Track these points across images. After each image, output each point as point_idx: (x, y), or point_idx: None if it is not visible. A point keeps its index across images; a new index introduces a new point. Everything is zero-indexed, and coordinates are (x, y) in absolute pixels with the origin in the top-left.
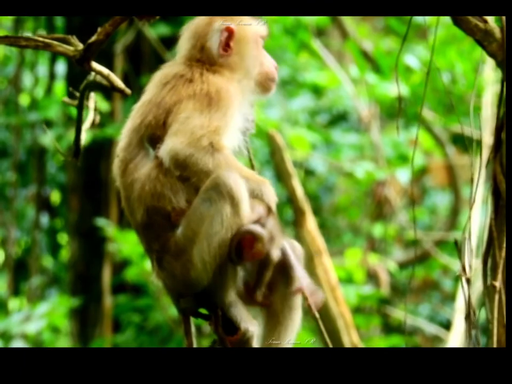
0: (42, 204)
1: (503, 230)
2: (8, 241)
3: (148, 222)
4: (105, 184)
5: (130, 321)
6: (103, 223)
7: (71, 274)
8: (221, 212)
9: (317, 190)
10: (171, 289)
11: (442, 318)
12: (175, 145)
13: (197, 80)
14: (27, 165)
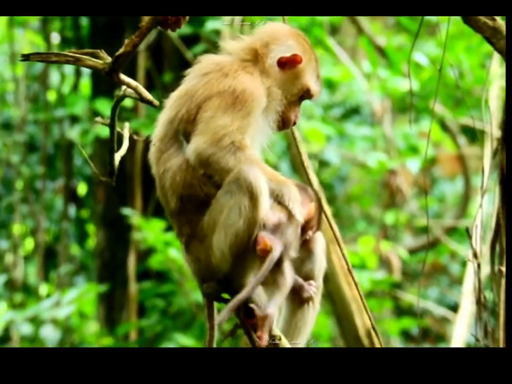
0: (69, 195)
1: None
2: (38, 231)
3: (181, 208)
4: (129, 176)
5: (155, 306)
6: (128, 213)
7: (98, 262)
8: (239, 204)
9: (331, 180)
10: (196, 273)
11: (450, 300)
12: (198, 145)
13: (230, 76)
14: (55, 159)
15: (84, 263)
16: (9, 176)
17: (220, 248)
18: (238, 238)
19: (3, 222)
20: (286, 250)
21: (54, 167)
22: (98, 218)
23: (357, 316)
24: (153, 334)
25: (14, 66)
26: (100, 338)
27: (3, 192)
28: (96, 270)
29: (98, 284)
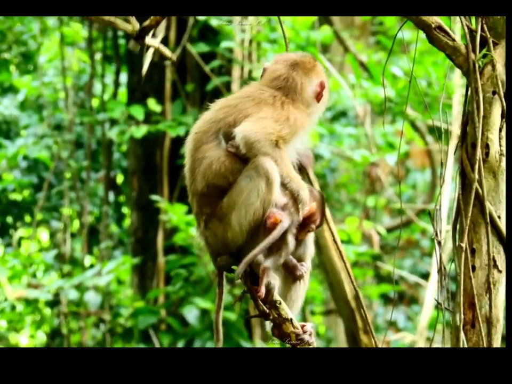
0: (109, 184)
1: (469, 203)
2: (83, 213)
3: (206, 192)
4: (159, 168)
5: (179, 275)
6: (157, 198)
7: (132, 238)
8: (257, 187)
9: (323, 171)
10: (212, 248)
11: (421, 269)
12: (248, 129)
13: (279, 107)
14: (97, 154)
15: (121, 239)
16: (59, 169)
17: (239, 223)
18: (256, 214)
19: (55, 206)
20: (290, 226)
21: (97, 161)
22: (133, 203)
23: (345, 282)
24: (177, 298)
25: (64, 78)
26: (134, 302)
27: (55, 181)
28: (131, 245)
29: (133, 257)
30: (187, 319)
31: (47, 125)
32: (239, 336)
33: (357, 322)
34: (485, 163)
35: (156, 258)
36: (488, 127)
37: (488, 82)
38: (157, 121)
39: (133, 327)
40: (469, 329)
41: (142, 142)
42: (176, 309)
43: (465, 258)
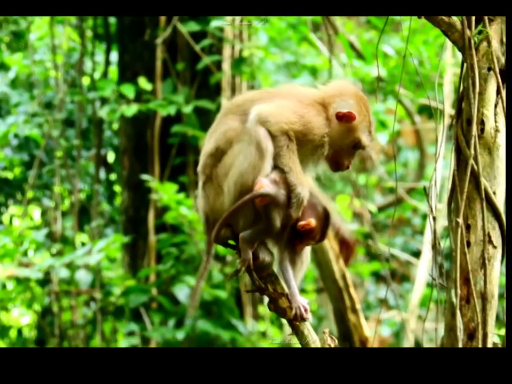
0: (100, 162)
1: (465, 179)
2: (74, 191)
3: (213, 153)
4: (150, 147)
5: (170, 254)
6: (147, 178)
7: (124, 217)
8: (249, 151)
9: None
10: (205, 215)
11: (413, 247)
12: (265, 109)
13: (305, 106)
14: (89, 132)
15: (112, 217)
16: (50, 146)
17: (228, 186)
18: (244, 178)
19: (46, 184)
20: (276, 203)
21: (88, 139)
22: (124, 182)
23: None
24: (168, 276)
25: (54, 56)
26: (125, 280)
27: (46, 159)
28: (122, 224)
29: (124, 236)
30: (178, 298)
31: (38, 103)
32: (230, 315)
33: (344, 302)
34: (480, 139)
35: (147, 237)
36: (483, 103)
37: (484, 58)
38: (148, 100)
39: (123, 305)
40: (463, 305)
41: (132, 120)
42: (167, 287)
43: (460, 233)
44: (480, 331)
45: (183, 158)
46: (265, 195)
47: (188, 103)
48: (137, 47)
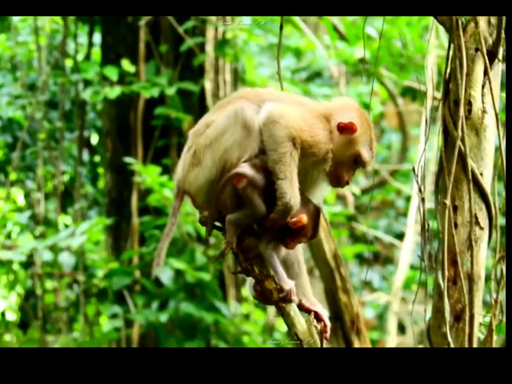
0: (83, 144)
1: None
2: (57, 173)
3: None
4: (133, 129)
5: (153, 236)
6: (131, 160)
7: (107, 199)
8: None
9: None
10: (177, 182)
11: (396, 229)
12: (276, 110)
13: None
14: (72, 114)
15: (96, 199)
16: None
17: (211, 160)
18: (227, 153)
19: (29, 166)
20: (254, 185)
21: (72, 121)
22: (107, 164)
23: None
24: (151, 259)
25: (37, 38)
26: (108, 263)
27: (29, 141)
28: (105, 206)
29: (107, 218)
30: (161, 280)
31: (21, 85)
32: (214, 297)
33: (336, 282)
34: (468, 120)
35: (130, 219)
36: (470, 84)
37: (471, 39)
38: (131, 82)
39: (107, 288)
40: (450, 286)
41: (116, 102)
42: (150, 269)
43: (448, 215)
44: (467, 312)
45: (166, 140)
46: (242, 174)
47: (171, 85)
48: (121, 29)
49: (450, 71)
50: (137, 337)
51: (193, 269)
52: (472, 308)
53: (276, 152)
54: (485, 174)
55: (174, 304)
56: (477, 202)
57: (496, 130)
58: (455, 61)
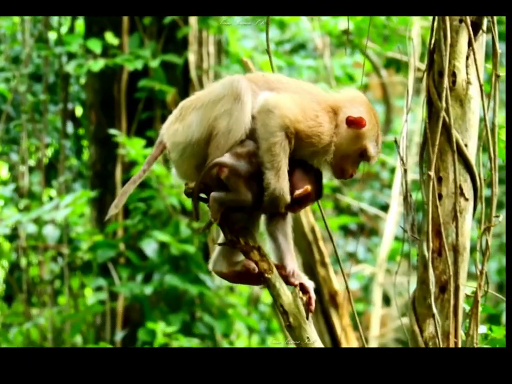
0: (67, 117)
1: (436, 132)
2: (41, 146)
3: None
4: (117, 102)
5: (137, 209)
6: (115, 132)
7: (91, 172)
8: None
9: None
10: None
11: (381, 201)
12: (272, 100)
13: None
14: (57, 87)
15: (80, 172)
16: (18, 101)
17: (198, 124)
18: (215, 121)
19: (14, 139)
20: (237, 174)
21: (55, 93)
22: (91, 136)
23: (302, 216)
24: (136, 231)
25: None
26: (92, 235)
27: (13, 114)
28: (89, 179)
29: (91, 190)
30: (146, 253)
31: (5, 58)
32: (198, 269)
33: (314, 255)
34: (452, 91)
35: (115, 192)
36: (455, 55)
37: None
38: (115, 55)
39: (91, 260)
40: (435, 257)
41: (99, 75)
42: (134, 242)
43: (432, 186)
44: (452, 283)
45: (150, 113)
46: (222, 164)
47: (155, 57)
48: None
49: (434, 42)
50: (121, 310)
51: (178, 241)
52: (457, 279)
53: (266, 142)
54: (469, 145)
55: (158, 276)
56: (461, 174)
57: (480, 101)
58: (439, 32)
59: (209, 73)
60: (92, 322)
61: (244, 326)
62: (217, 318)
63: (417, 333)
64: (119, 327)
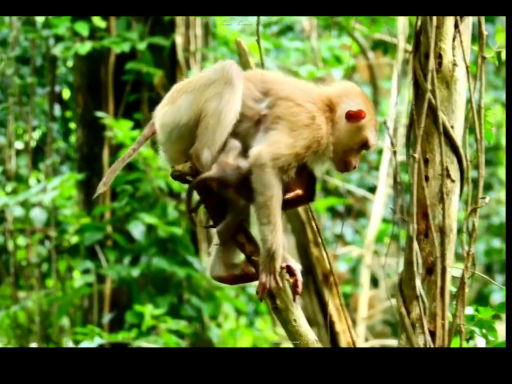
0: (55, 100)
1: (422, 114)
2: (28, 129)
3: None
4: (104, 84)
5: (125, 191)
6: (102, 115)
7: (78, 154)
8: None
9: None
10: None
11: (368, 183)
12: (263, 152)
13: (310, 113)
14: (43, 69)
15: (68, 155)
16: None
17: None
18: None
19: (1, 122)
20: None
21: (43, 76)
22: (78, 119)
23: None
24: (123, 214)
25: None
26: (79, 218)
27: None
28: (77, 162)
29: (79, 173)
30: (133, 235)
31: None
32: (186, 251)
33: (307, 235)
34: (438, 73)
35: (102, 174)
36: (441, 37)
37: None
38: (102, 37)
39: (78, 243)
40: (422, 239)
41: (87, 58)
42: (122, 225)
43: (418, 168)
44: (438, 265)
45: (138, 95)
46: (210, 179)
47: (142, 40)
48: None
49: (420, 24)
50: (109, 292)
51: (165, 224)
52: (444, 260)
53: (262, 196)
54: (455, 126)
55: (146, 259)
56: (448, 155)
57: (466, 83)
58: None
59: (197, 56)
60: (79, 305)
61: (232, 308)
62: (204, 300)
63: (404, 314)
64: (107, 310)
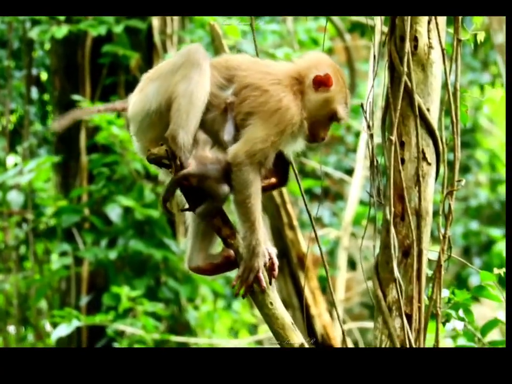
0: (32, 82)
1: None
2: (5, 112)
3: None
4: (81, 67)
5: (101, 174)
6: (78, 98)
7: (55, 137)
8: (185, 66)
9: None
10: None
11: (346, 165)
12: (239, 151)
13: (279, 93)
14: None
15: (45, 138)
16: None
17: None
18: (175, 86)
19: None
20: (205, 178)
21: (20, 59)
22: (55, 102)
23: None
24: (100, 196)
25: None
26: (56, 201)
27: None
28: (54, 145)
29: (56, 156)
30: (110, 218)
31: None
32: (162, 234)
33: (282, 218)
34: (414, 56)
35: (79, 157)
36: (416, 19)
37: None
38: (78, 21)
39: (56, 226)
40: (398, 222)
41: (63, 41)
42: (99, 207)
43: (394, 151)
44: (415, 248)
45: (114, 78)
46: (190, 175)
47: (119, 23)
48: None
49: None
50: (86, 275)
51: (142, 206)
52: (420, 243)
53: (241, 194)
54: (431, 109)
55: (123, 241)
56: (424, 138)
57: (442, 65)
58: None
59: (173, 38)
60: (57, 288)
61: (209, 290)
62: (182, 283)
63: (381, 297)
64: (84, 292)
